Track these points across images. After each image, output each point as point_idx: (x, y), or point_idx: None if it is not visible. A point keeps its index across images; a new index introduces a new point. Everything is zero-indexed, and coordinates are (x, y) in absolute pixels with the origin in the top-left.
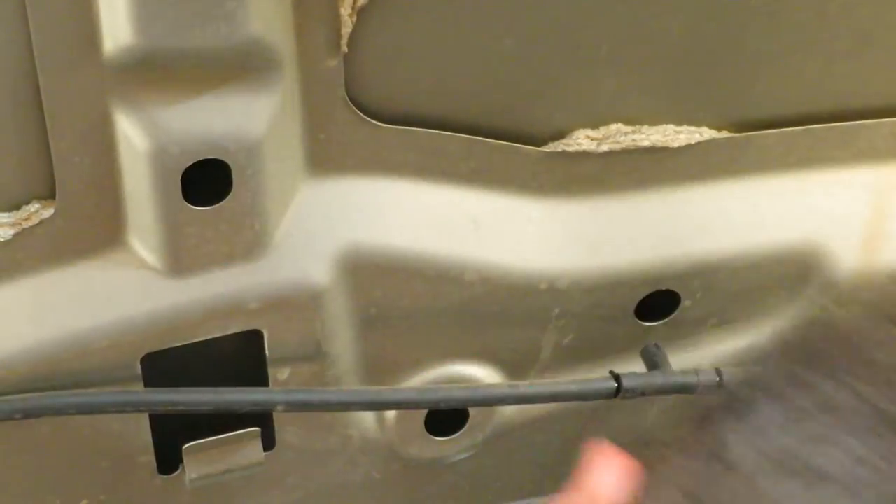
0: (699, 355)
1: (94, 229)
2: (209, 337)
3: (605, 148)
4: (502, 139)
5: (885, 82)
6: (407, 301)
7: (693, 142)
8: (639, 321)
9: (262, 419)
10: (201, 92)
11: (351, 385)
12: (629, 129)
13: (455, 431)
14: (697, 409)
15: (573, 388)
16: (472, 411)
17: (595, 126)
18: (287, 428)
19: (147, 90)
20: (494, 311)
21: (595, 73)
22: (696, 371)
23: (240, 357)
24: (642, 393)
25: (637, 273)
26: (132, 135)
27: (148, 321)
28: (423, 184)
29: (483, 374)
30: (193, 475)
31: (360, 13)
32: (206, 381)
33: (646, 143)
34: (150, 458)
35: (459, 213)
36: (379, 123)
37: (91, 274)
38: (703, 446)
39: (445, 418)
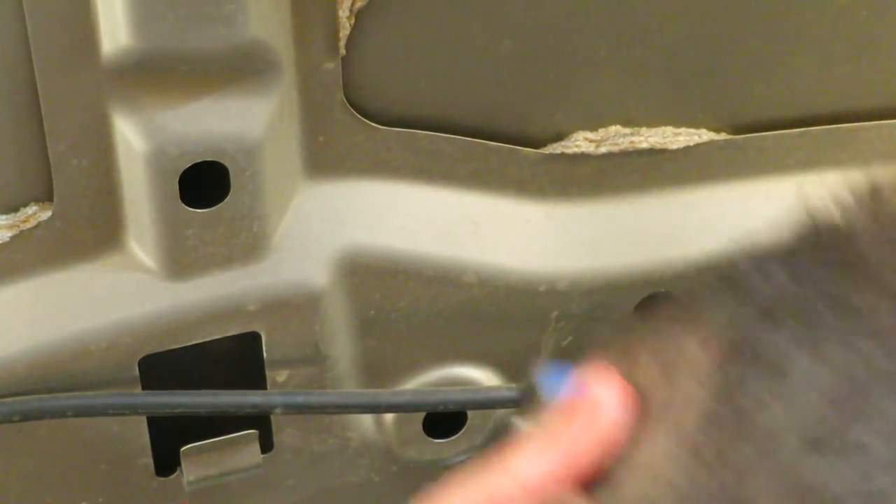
0: None
1: (91, 231)
2: (207, 339)
3: (603, 150)
4: (501, 141)
5: (885, 84)
6: (406, 303)
7: (692, 144)
8: None
9: (260, 421)
10: (199, 94)
11: (349, 387)
12: (628, 130)
13: (454, 434)
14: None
15: None
16: (470, 414)
17: (594, 128)
18: (285, 430)
19: (145, 92)
20: (493, 313)
21: (594, 74)
22: None
23: (238, 359)
24: None
25: (636, 275)
26: (130, 136)
27: (146, 323)
28: (421, 186)
29: (482, 377)
30: (191, 477)
31: (358, 15)
32: (204, 383)
33: (644, 145)
34: (147, 461)
35: (458, 216)
36: (377, 126)
37: (89, 276)
38: (725, 400)
39: (444, 420)
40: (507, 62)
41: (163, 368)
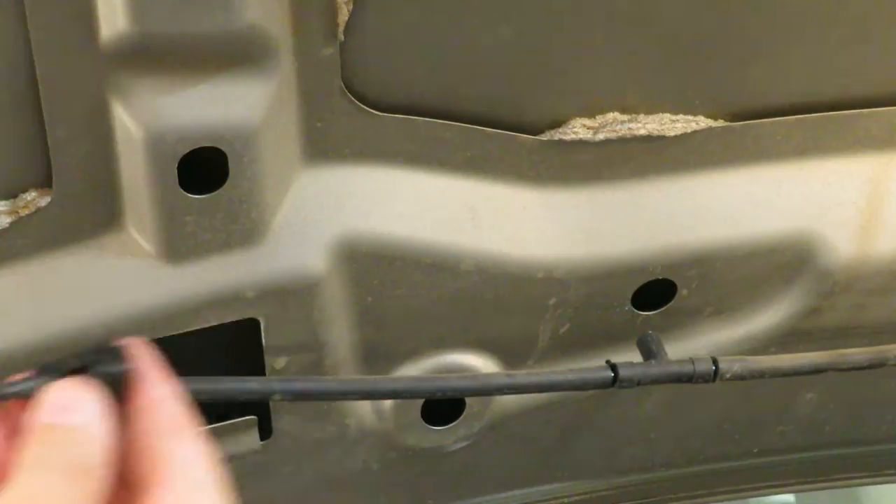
0: (695, 344)
1: (90, 217)
2: (206, 325)
3: (601, 137)
4: (499, 128)
5: (882, 71)
6: (404, 290)
7: (689, 130)
8: (635, 310)
9: (259, 408)
10: (198, 79)
11: (348, 374)
12: (625, 117)
13: (452, 421)
14: None
15: (570, 377)
16: (469, 400)
17: (591, 115)
18: (284, 417)
19: (144, 77)
20: (491, 300)
21: (591, 61)
22: (692, 360)
23: (237, 346)
24: (638, 382)
25: (634, 262)
26: (128, 122)
27: (145, 309)
28: (419, 172)
29: (480, 364)
30: None
31: (357, 1)
32: (203, 369)
33: (642, 132)
34: None
35: (456, 202)
36: (375, 112)
37: (88, 262)
38: None
39: (442, 407)
40: (505, 49)
41: (162, 355)
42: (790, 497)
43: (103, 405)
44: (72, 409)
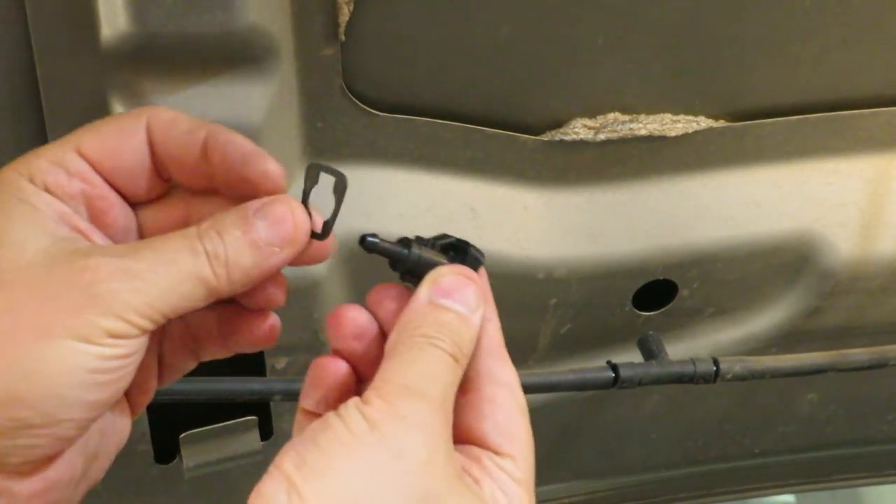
0: (696, 344)
1: None
2: None
3: (602, 137)
4: (500, 128)
5: (883, 71)
6: None
7: (690, 131)
8: (636, 310)
9: (259, 408)
10: (199, 80)
11: None
12: (626, 118)
13: None
14: None
15: (570, 377)
16: None
17: (592, 115)
18: (285, 417)
19: (144, 78)
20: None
21: (592, 62)
22: (692, 360)
23: None
24: (639, 383)
25: (634, 262)
26: None
27: None
28: (420, 173)
29: None
30: (190, 464)
31: (357, 1)
32: (204, 370)
33: (643, 133)
34: (147, 447)
35: (457, 202)
36: (376, 112)
37: None
38: None
39: None
40: (506, 49)
41: None
42: (790, 497)
43: (481, 297)
44: (459, 295)
